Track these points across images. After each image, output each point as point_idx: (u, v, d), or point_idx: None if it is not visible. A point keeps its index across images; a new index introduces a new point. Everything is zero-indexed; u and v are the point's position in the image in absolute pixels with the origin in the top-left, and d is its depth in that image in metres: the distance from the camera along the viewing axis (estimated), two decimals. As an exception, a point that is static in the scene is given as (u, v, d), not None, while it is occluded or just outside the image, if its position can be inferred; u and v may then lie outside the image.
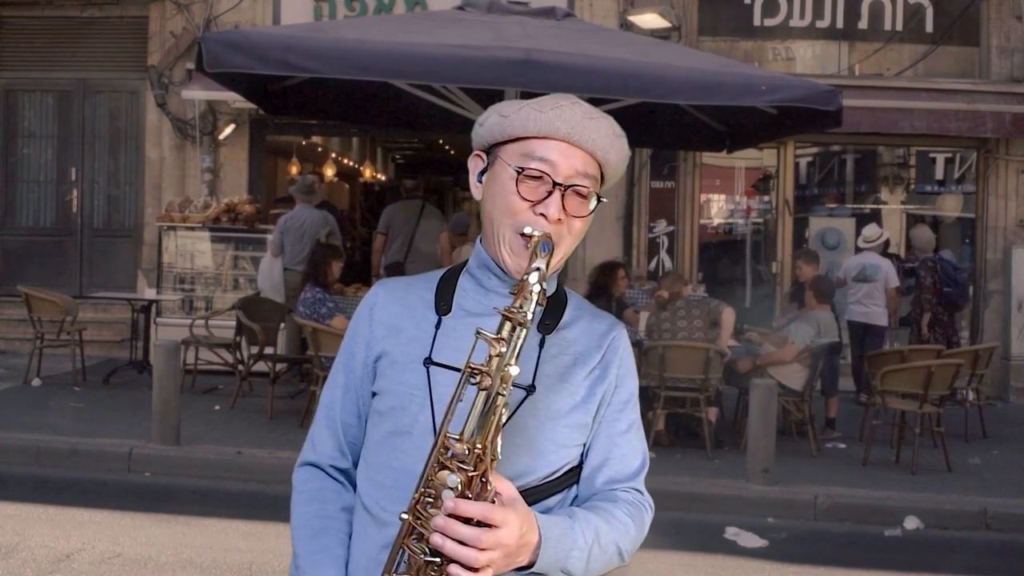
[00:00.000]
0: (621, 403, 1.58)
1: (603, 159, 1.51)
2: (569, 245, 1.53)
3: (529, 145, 1.49)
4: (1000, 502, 6.27)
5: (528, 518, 1.33)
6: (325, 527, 1.55)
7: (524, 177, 1.47)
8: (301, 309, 7.53)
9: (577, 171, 1.48)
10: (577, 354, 1.55)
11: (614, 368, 1.57)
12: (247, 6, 10.67)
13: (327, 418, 1.63)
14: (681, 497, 6.12)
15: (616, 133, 1.53)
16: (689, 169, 10.73)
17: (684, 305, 7.53)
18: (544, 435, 1.49)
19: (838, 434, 7.97)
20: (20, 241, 11.47)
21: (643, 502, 1.57)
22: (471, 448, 1.27)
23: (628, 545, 1.50)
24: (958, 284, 9.53)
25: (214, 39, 4.89)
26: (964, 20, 10.55)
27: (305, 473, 1.62)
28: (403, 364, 1.51)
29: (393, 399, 1.51)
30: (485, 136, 1.55)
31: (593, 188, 1.51)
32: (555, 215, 1.46)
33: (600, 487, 1.55)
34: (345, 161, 15.06)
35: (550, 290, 1.56)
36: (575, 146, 1.48)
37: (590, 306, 1.65)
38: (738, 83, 4.89)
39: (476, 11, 5.38)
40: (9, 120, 11.47)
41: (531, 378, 1.48)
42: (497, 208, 1.51)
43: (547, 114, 1.48)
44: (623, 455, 1.56)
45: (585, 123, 1.49)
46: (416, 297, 1.59)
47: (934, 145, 11.14)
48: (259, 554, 4.99)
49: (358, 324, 1.61)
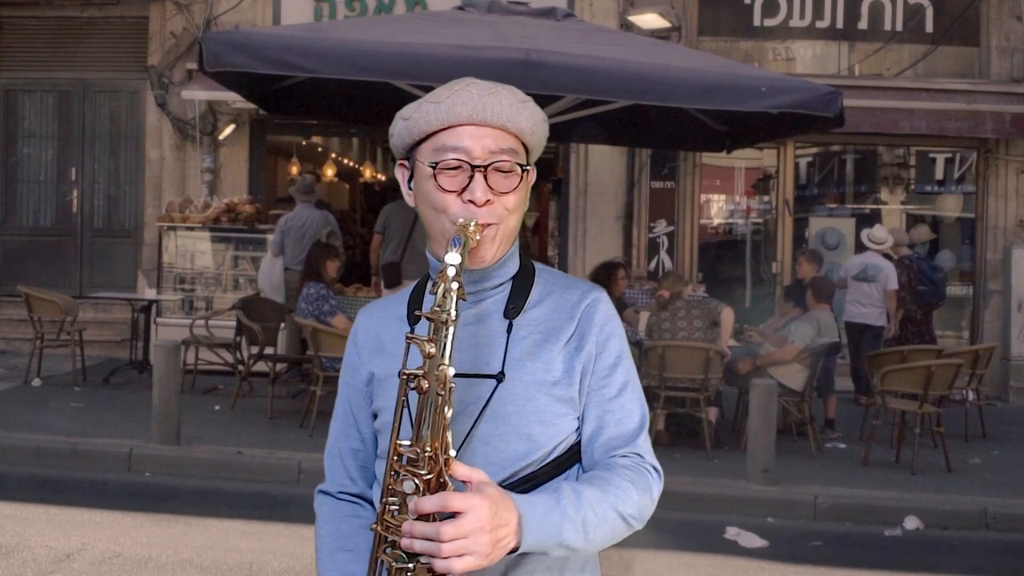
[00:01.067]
0: (606, 368, 1.55)
1: (515, 129, 1.50)
2: (512, 221, 1.52)
3: (438, 139, 1.49)
4: (1000, 502, 6.27)
5: (501, 499, 1.30)
6: (341, 545, 1.59)
7: (441, 170, 1.47)
8: (303, 306, 7.54)
9: (491, 150, 1.47)
10: (548, 330, 1.53)
11: (592, 336, 1.54)
12: (247, 6, 10.67)
13: (332, 447, 1.67)
14: (681, 497, 6.11)
15: (520, 100, 1.51)
16: (689, 169, 10.74)
17: (684, 305, 7.53)
18: (527, 417, 1.48)
19: (838, 434, 7.97)
20: (20, 241, 11.47)
21: (644, 465, 1.53)
22: (421, 451, 1.28)
23: (631, 510, 1.46)
24: (934, 283, 9.57)
25: (215, 39, 4.90)
26: (964, 20, 10.56)
27: (320, 499, 1.68)
28: (388, 381, 1.53)
29: (387, 415, 1.52)
30: (398, 144, 1.56)
31: (515, 160, 1.50)
32: (482, 197, 1.46)
33: (599, 456, 1.52)
34: (345, 161, 15.06)
35: (511, 271, 1.56)
36: (482, 125, 1.48)
37: (564, 278, 1.63)
38: (739, 85, 4.89)
39: (476, 11, 5.39)
40: (9, 120, 11.48)
41: (500, 366, 1.48)
42: (428, 207, 1.51)
43: (444, 103, 1.48)
44: (617, 420, 1.54)
45: (484, 100, 1.48)
46: (392, 313, 1.61)
47: (934, 145, 11.13)
48: (259, 554, 4.99)
49: (347, 354, 1.66)
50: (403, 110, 1.54)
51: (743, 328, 8.87)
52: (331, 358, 7.29)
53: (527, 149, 1.55)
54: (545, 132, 1.57)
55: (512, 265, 1.57)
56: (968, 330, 10.93)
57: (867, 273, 9.19)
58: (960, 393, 8.30)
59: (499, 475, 1.43)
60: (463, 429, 1.45)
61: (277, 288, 9.26)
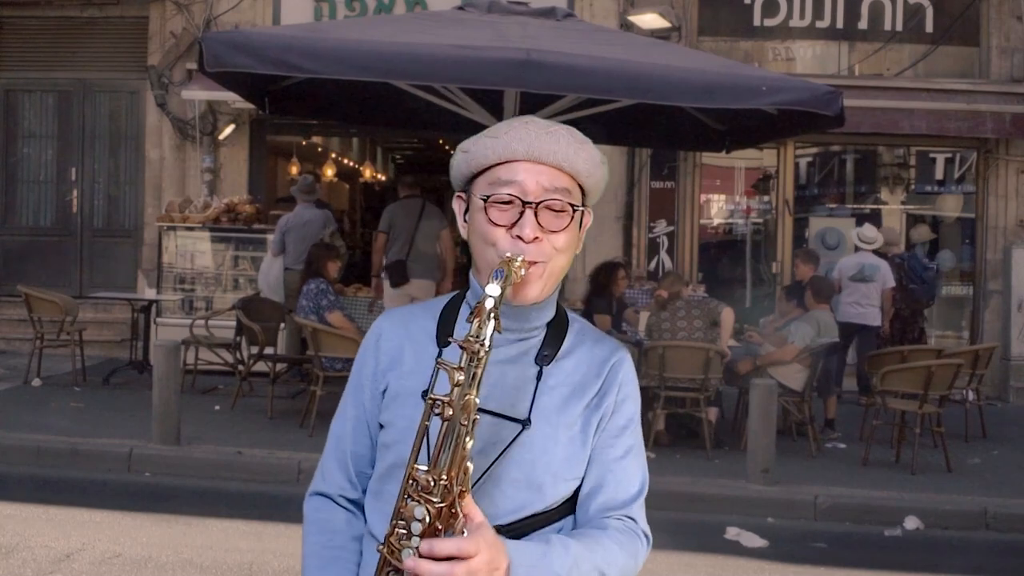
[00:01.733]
0: (617, 429, 1.56)
1: (571, 170, 1.51)
2: (561, 261, 1.52)
3: (494, 173, 1.50)
4: (1000, 502, 6.27)
5: (496, 545, 1.31)
6: (334, 557, 1.56)
7: (492, 204, 1.48)
8: (303, 303, 7.55)
9: (545, 187, 1.48)
10: (575, 384, 1.54)
11: (612, 395, 1.55)
12: (247, 6, 10.67)
13: (336, 450, 1.63)
14: (681, 497, 6.12)
15: (578, 141, 1.52)
16: (689, 169, 10.74)
17: (684, 305, 7.53)
18: (541, 469, 1.48)
19: (838, 434, 7.97)
20: (20, 241, 11.47)
21: (636, 530, 1.54)
22: (436, 479, 1.28)
23: (614, 572, 1.47)
24: (924, 282, 9.58)
25: (215, 39, 4.89)
26: (964, 20, 10.56)
27: (315, 503, 1.64)
28: (404, 397, 1.52)
29: (396, 433, 1.51)
30: (457, 177, 1.57)
31: (568, 201, 1.50)
32: (530, 234, 1.46)
33: (593, 514, 1.53)
34: (345, 161, 15.05)
35: (548, 316, 1.56)
36: (537, 163, 1.48)
37: (593, 331, 1.64)
38: (739, 84, 4.88)
39: (476, 11, 5.38)
40: (9, 120, 11.48)
41: (527, 412, 1.48)
42: (478, 240, 1.52)
43: (502, 139, 1.49)
44: (617, 482, 1.54)
45: (542, 138, 1.49)
46: (418, 327, 1.59)
47: (934, 145, 11.14)
48: (259, 554, 4.99)
49: (365, 355, 1.62)
50: (464, 143, 1.56)
51: (743, 328, 8.87)
52: (331, 358, 7.29)
53: (583, 191, 1.55)
54: (604, 175, 1.57)
55: (550, 310, 1.57)
56: (968, 330, 10.93)
57: (864, 273, 9.18)
58: (960, 393, 8.30)
59: (498, 519, 1.43)
60: (479, 467, 1.44)
61: (277, 288, 9.26)
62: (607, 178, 1.59)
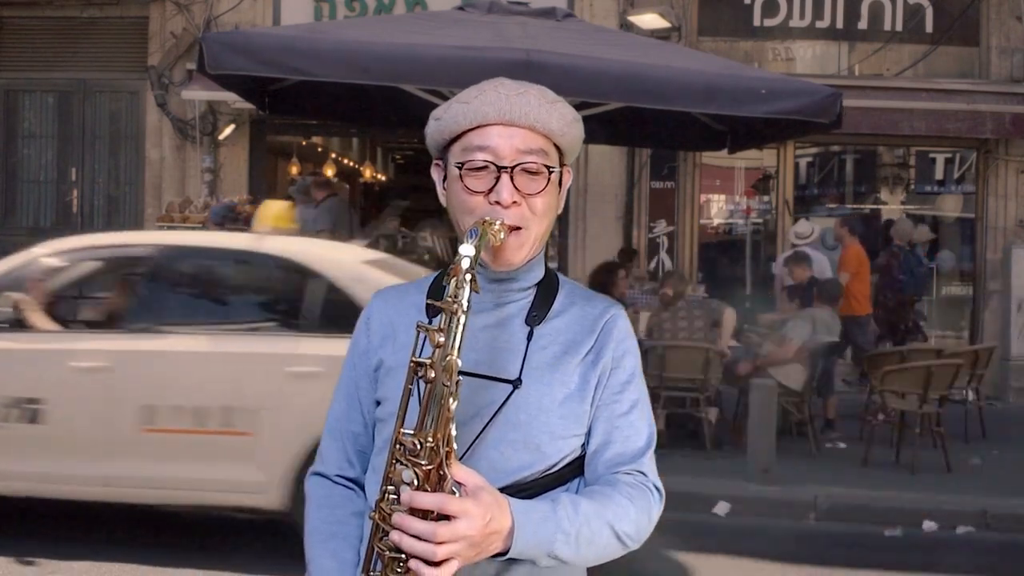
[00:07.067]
0: (619, 384, 1.54)
1: (545, 130, 1.48)
2: (541, 225, 1.51)
3: (467, 139, 1.48)
4: (1000, 502, 6.27)
5: (497, 506, 1.31)
6: (335, 532, 1.56)
7: (467, 171, 1.47)
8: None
9: (519, 150, 1.46)
10: (567, 342, 1.52)
11: (609, 350, 1.53)
12: (247, 6, 10.67)
13: (333, 431, 1.64)
14: (681, 497, 6.11)
15: (549, 100, 1.50)
16: (689, 169, 10.73)
17: (685, 306, 7.54)
18: (538, 429, 1.47)
19: (838, 434, 7.98)
20: (20, 241, 11.42)
21: (647, 483, 1.53)
22: (423, 441, 1.28)
23: (627, 528, 1.45)
24: (915, 276, 9.57)
25: (215, 40, 4.90)
26: (964, 20, 10.55)
27: (315, 481, 1.64)
28: (398, 371, 1.51)
29: (391, 406, 1.50)
30: (431, 144, 1.56)
31: (545, 162, 1.48)
32: (508, 199, 1.45)
33: (603, 471, 1.51)
34: (345, 161, 15.05)
35: (536, 277, 1.56)
36: (510, 125, 1.46)
37: (584, 291, 1.63)
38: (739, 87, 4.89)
39: (476, 12, 5.39)
40: (9, 120, 11.46)
41: (518, 372, 1.47)
42: (457, 208, 1.51)
43: (473, 103, 1.47)
44: (625, 436, 1.53)
45: (512, 100, 1.47)
46: (409, 303, 1.59)
47: (934, 145, 11.14)
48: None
49: (357, 336, 1.63)
50: (436, 110, 1.54)
51: (744, 329, 8.86)
52: (331, 358, 7.28)
53: (560, 151, 1.53)
54: (579, 132, 1.55)
55: (538, 271, 1.56)
56: (968, 330, 10.93)
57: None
58: (960, 393, 8.30)
59: (500, 482, 1.41)
60: (474, 431, 1.44)
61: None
62: (583, 135, 1.56)
